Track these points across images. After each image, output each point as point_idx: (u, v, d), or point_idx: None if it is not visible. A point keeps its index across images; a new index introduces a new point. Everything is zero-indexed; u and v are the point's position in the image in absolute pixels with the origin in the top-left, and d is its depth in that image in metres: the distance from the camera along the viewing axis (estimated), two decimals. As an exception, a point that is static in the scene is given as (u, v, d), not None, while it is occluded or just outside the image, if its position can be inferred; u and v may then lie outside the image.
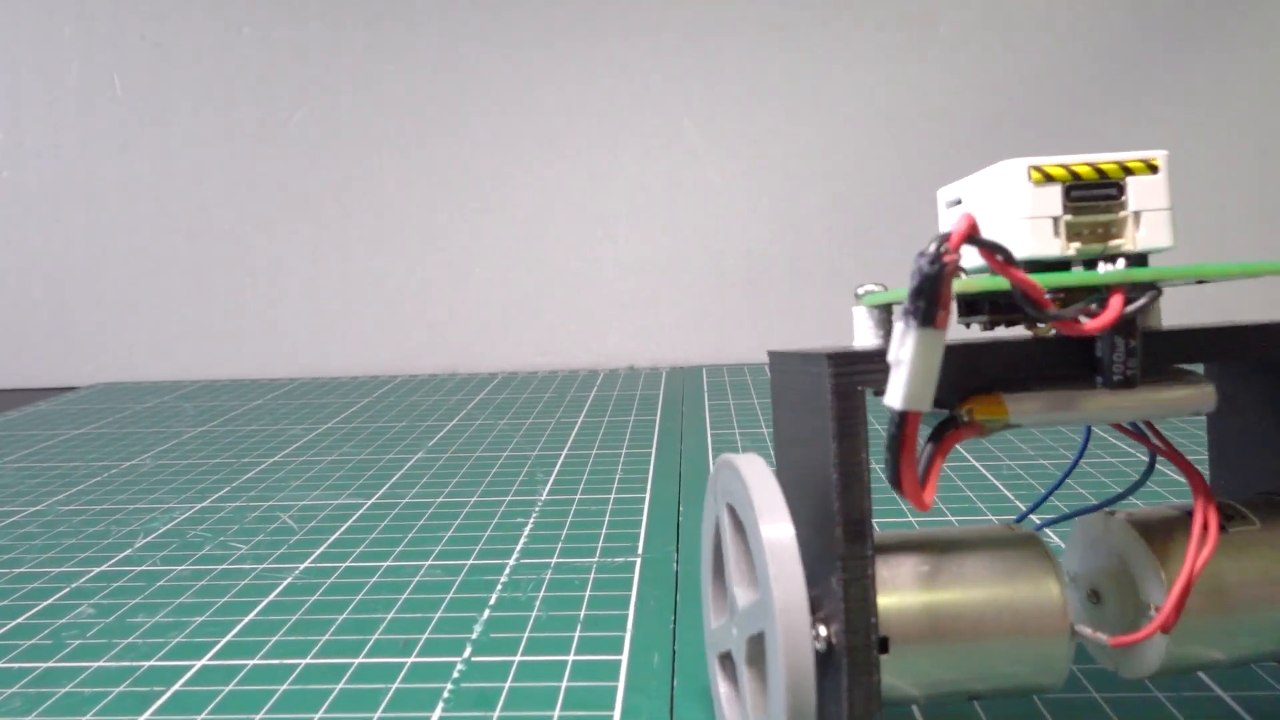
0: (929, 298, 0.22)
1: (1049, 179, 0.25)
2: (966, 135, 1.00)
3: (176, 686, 0.35)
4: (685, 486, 0.57)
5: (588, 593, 0.42)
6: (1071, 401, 0.25)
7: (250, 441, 0.73)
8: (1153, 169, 0.25)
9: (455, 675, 0.35)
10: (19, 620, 0.41)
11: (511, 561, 0.46)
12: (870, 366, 0.25)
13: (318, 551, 0.48)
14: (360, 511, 0.54)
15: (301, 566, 0.46)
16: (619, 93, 1.02)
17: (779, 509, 0.25)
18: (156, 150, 1.06)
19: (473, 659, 0.36)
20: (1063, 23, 0.99)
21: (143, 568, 0.47)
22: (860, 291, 0.27)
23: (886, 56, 1.00)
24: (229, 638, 0.38)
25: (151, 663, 0.37)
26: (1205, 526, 0.26)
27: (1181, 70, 0.98)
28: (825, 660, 0.24)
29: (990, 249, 0.23)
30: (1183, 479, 0.26)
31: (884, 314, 0.27)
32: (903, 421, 0.24)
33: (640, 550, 0.46)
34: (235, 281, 1.07)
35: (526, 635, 0.38)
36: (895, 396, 0.23)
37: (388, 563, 0.46)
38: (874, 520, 0.25)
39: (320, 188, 1.05)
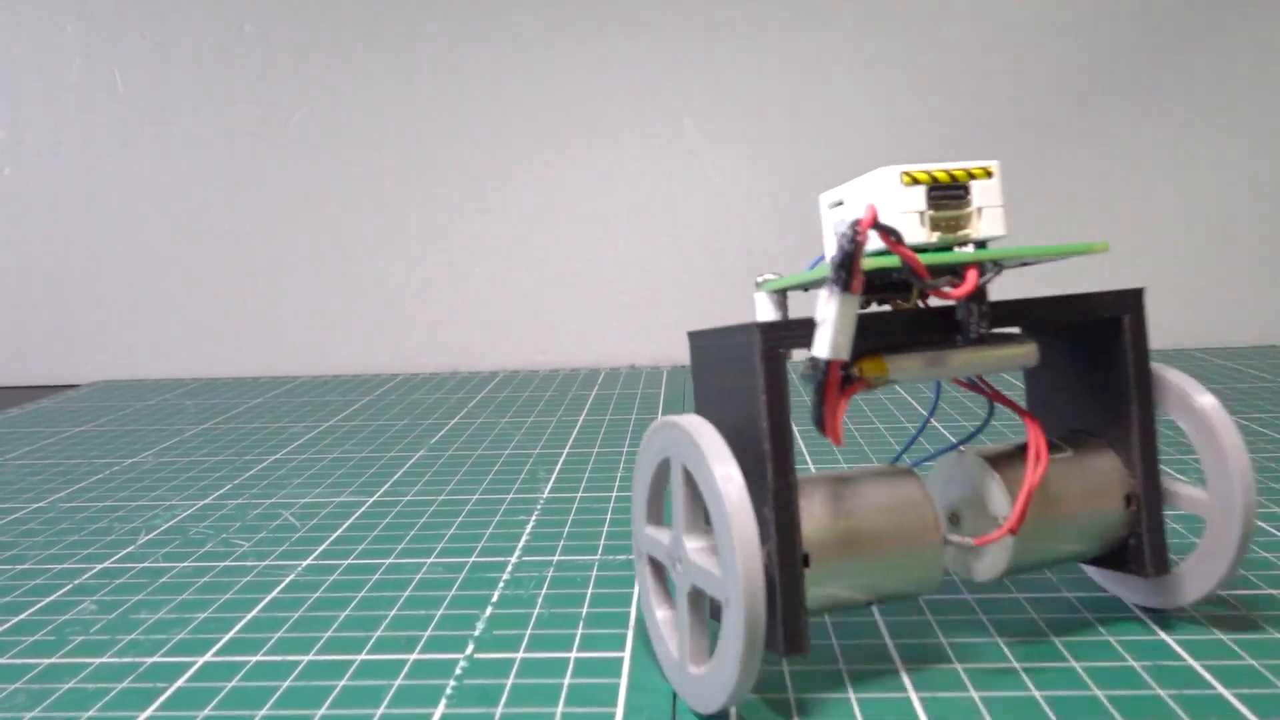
0: (848, 268, 0.29)
1: (916, 182, 0.32)
2: (968, 135, 1.00)
3: (179, 683, 0.35)
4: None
5: (590, 590, 0.42)
6: (936, 360, 0.32)
7: (252, 439, 0.73)
8: (989, 175, 0.32)
9: (458, 672, 0.35)
10: (22, 616, 0.41)
11: (514, 559, 0.46)
12: (788, 334, 0.31)
13: (320, 549, 0.48)
14: (362, 509, 0.54)
15: (303, 564, 0.46)
16: (619, 92, 1.02)
17: (728, 457, 0.30)
18: (157, 149, 1.06)
19: (475, 656, 0.36)
20: (1064, 23, 0.99)
21: (145, 564, 0.47)
22: (760, 280, 0.35)
23: (888, 56, 1.00)
24: (231, 634, 0.39)
25: (154, 659, 0.37)
26: (1038, 452, 0.33)
27: (1184, 70, 0.99)
28: None
29: (887, 231, 0.29)
30: (1007, 425, 0.37)
31: (780, 296, 0.35)
32: (827, 369, 0.30)
33: (642, 548, 0.47)
34: (236, 280, 1.07)
35: (529, 632, 0.38)
36: (822, 348, 0.29)
37: (390, 560, 0.46)
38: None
39: (321, 187, 1.05)
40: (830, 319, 0.29)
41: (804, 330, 0.30)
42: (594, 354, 1.03)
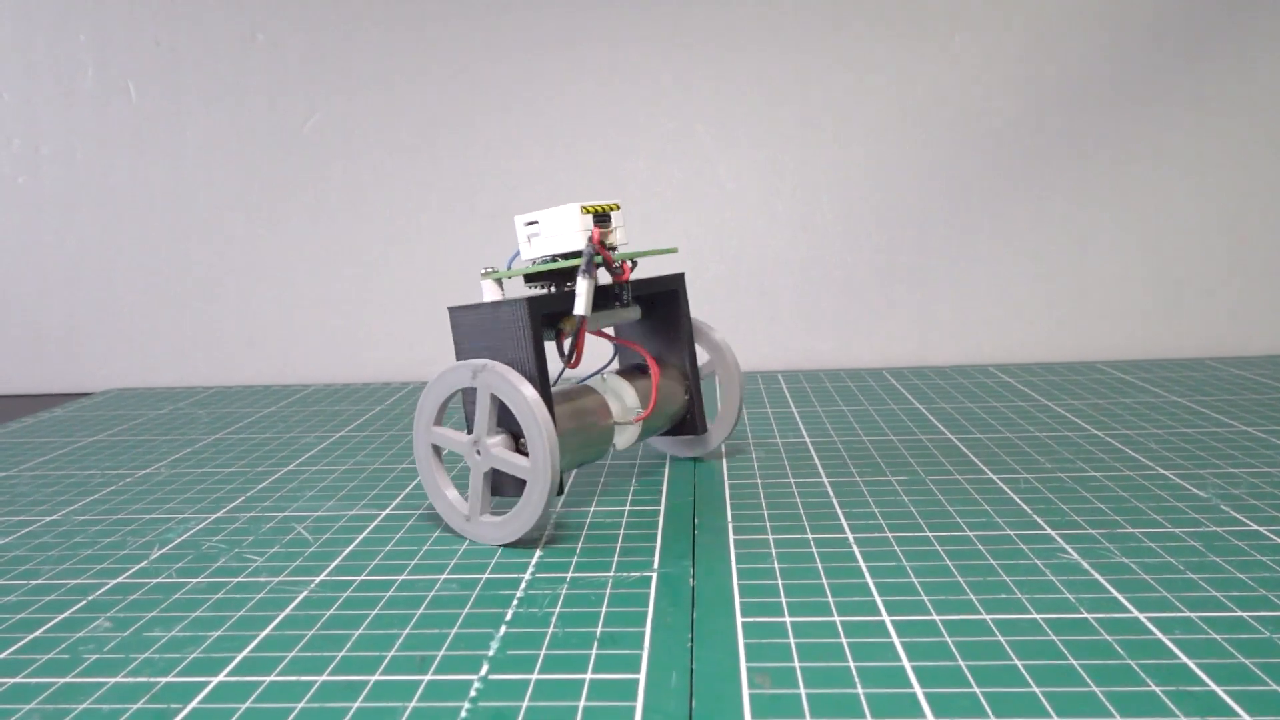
0: (589, 263, 0.52)
1: (588, 212, 0.53)
2: (980, 140, 1.00)
3: (194, 704, 0.35)
4: (700, 499, 0.56)
5: (604, 609, 0.41)
6: (605, 316, 0.56)
7: (264, 450, 0.73)
8: (619, 208, 0.54)
9: (472, 694, 0.34)
10: (36, 634, 0.41)
11: (527, 576, 0.46)
12: (542, 305, 0.51)
13: (333, 564, 0.48)
14: (375, 523, 0.54)
15: (317, 580, 0.46)
16: (631, 97, 1.02)
17: (527, 383, 0.48)
18: (170, 156, 1.06)
19: (490, 677, 0.36)
20: (1077, 29, 0.98)
21: (158, 580, 0.47)
22: (485, 270, 0.54)
23: (900, 62, 1.00)
24: (245, 653, 0.38)
25: (168, 679, 0.37)
26: (655, 371, 0.59)
27: (1199, 76, 0.98)
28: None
29: (602, 245, 0.52)
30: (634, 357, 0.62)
31: (497, 284, 0.54)
32: (580, 324, 0.52)
33: (656, 565, 0.46)
34: (248, 287, 1.07)
35: (543, 653, 0.37)
36: (580, 309, 0.51)
37: (403, 576, 0.46)
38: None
39: (334, 192, 1.05)
40: (583, 293, 0.51)
41: (549, 303, 0.51)
42: (606, 360, 1.03)
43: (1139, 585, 0.42)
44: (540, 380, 0.49)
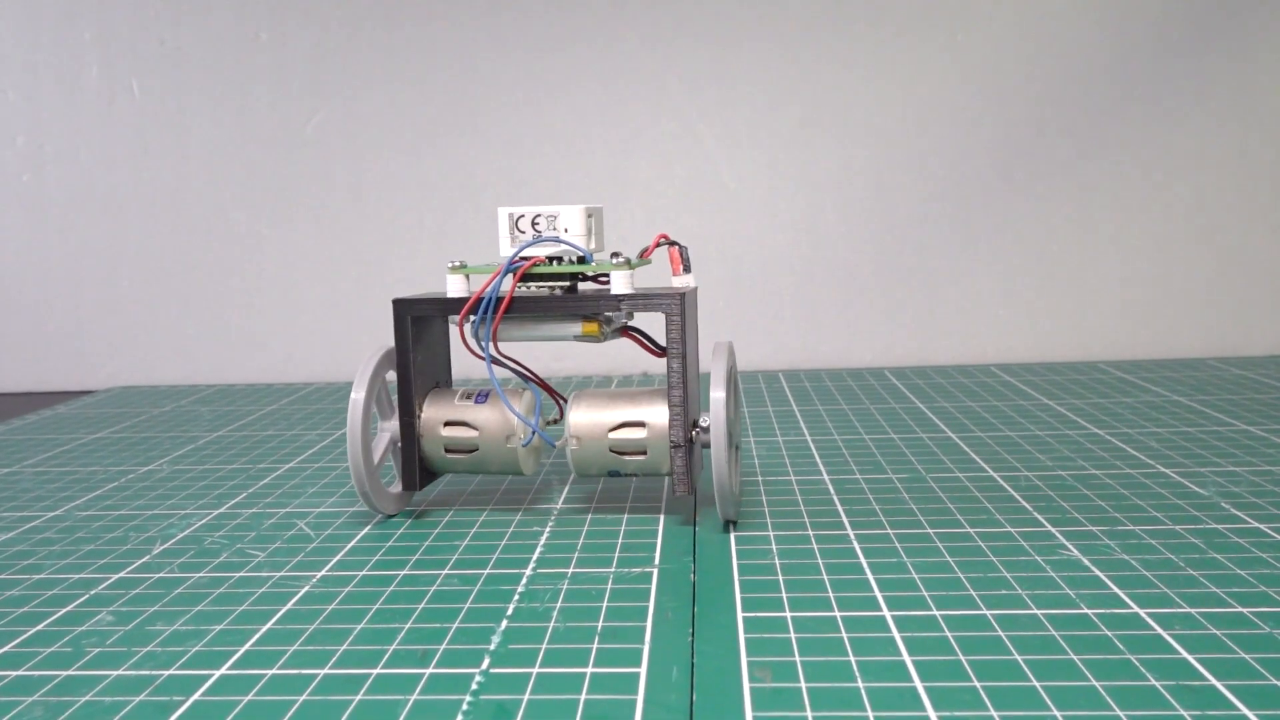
0: None
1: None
2: (983, 141, 1.00)
3: (196, 696, 0.35)
4: (701, 496, 0.57)
5: (605, 604, 0.41)
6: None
7: (266, 447, 0.73)
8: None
9: (474, 687, 0.35)
10: (39, 627, 0.41)
11: (528, 571, 0.46)
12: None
13: (335, 559, 0.48)
14: (376, 519, 0.54)
15: (319, 574, 0.46)
16: (635, 98, 1.02)
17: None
18: (174, 154, 1.06)
19: (491, 670, 0.36)
20: (1079, 29, 0.98)
21: (161, 574, 0.47)
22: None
23: (902, 63, 1.00)
24: (247, 646, 0.39)
25: (171, 671, 0.37)
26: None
27: (1200, 77, 0.98)
28: None
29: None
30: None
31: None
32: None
33: (657, 561, 0.46)
34: (251, 285, 1.07)
35: (544, 647, 0.38)
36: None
37: (404, 571, 0.46)
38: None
39: (337, 191, 1.05)
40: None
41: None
42: (608, 360, 1.03)
43: (1139, 581, 0.42)
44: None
